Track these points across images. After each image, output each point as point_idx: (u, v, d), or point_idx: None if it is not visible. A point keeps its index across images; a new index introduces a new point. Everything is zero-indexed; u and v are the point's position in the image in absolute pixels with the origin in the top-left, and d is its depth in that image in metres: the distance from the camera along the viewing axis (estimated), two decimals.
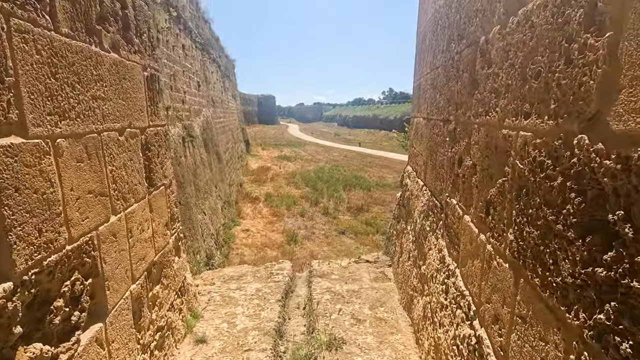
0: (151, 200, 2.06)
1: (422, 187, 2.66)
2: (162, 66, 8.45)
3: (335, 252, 11.44)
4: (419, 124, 2.93)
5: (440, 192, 2.06)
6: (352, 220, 13.77)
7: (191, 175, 9.07)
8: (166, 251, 2.32)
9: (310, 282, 3.49)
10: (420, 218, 2.55)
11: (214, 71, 16.19)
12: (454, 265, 1.66)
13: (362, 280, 3.47)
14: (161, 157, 2.31)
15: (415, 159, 3.08)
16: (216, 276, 3.68)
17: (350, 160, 29.35)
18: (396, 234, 3.64)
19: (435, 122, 2.26)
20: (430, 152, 2.42)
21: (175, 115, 8.96)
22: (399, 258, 3.31)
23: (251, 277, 3.58)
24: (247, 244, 11.88)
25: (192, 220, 8.43)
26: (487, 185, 1.29)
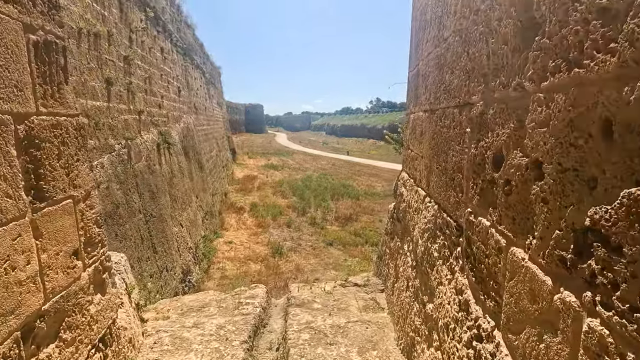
0: (39, 221, 1.38)
1: (423, 199, 2.04)
2: (135, 67, 7.77)
3: (322, 265, 10.73)
4: (417, 119, 2.33)
5: (455, 206, 1.44)
6: (340, 230, 13.11)
7: (166, 184, 8.30)
8: (73, 291, 1.62)
9: (287, 313, 2.82)
10: (424, 239, 1.93)
11: (197, 77, 15.51)
12: (489, 324, 1.04)
13: (349, 310, 2.83)
14: (67, 159, 1.64)
15: (412, 164, 2.48)
16: (173, 307, 2.97)
17: (338, 168, 28.83)
18: (389, 253, 3.01)
19: (443, 112, 1.66)
20: (435, 152, 1.81)
21: (150, 121, 8.22)
22: (394, 284, 2.68)
23: (215, 308, 2.89)
24: (230, 257, 11.06)
25: (166, 233, 7.64)
26: (578, 201, 0.67)
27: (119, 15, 7.10)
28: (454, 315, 1.31)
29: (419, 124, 2.27)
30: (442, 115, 1.68)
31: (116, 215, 5.53)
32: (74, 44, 5.09)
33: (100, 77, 5.87)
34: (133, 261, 5.81)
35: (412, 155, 2.50)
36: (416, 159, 2.32)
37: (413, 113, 2.49)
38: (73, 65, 4.93)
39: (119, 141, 6.22)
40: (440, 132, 1.71)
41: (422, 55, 2.16)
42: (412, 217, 2.28)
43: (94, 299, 1.82)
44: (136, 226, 6.19)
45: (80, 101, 5.07)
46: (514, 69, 0.92)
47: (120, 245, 5.49)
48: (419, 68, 2.27)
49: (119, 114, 6.39)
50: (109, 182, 5.48)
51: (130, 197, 6.21)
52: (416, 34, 2.39)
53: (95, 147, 5.34)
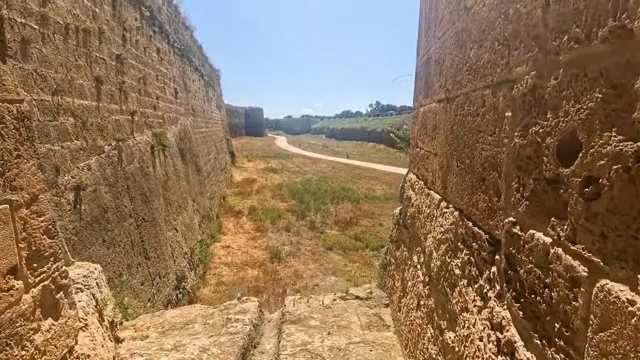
0: None
1: (438, 203, 1.72)
2: (129, 67, 7.47)
3: (322, 271, 10.37)
4: (428, 112, 2.01)
5: (486, 213, 1.11)
6: (340, 234, 12.76)
7: (160, 187, 7.96)
8: (7, 319, 1.29)
9: (281, 332, 2.48)
10: (440, 251, 1.60)
11: (195, 79, 15.23)
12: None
13: (350, 328, 2.49)
14: (1, 154, 1.31)
15: (422, 163, 2.16)
16: (154, 324, 2.63)
17: (338, 172, 28.51)
18: (395, 264, 2.68)
19: (467, 98, 1.34)
20: (454, 148, 1.49)
21: (143, 122, 7.90)
22: (401, 299, 2.35)
23: (200, 326, 2.55)
24: (227, 263, 10.69)
25: (159, 238, 7.29)
26: None
27: (111, 13, 6.81)
28: (491, 358, 0.98)
29: (430, 117, 1.95)
30: (464, 102, 1.37)
31: (104, 220, 5.20)
32: (60, 40, 4.78)
33: (89, 75, 5.56)
34: (122, 268, 5.47)
35: (421, 154, 2.18)
36: (427, 157, 2.00)
37: (423, 106, 2.17)
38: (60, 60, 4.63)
39: (109, 142, 5.89)
40: (462, 122, 1.39)
41: (435, 37, 1.85)
42: (423, 225, 1.96)
43: (42, 325, 1.49)
44: (126, 231, 5.85)
45: (66, 99, 4.75)
46: (605, 9, 0.60)
47: (108, 251, 5.15)
48: (431, 53, 1.95)
49: (109, 114, 6.07)
50: (97, 185, 5.15)
51: (121, 200, 5.88)
52: (427, 16, 2.08)
53: (82, 148, 5.02)
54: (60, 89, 4.65)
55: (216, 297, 8.42)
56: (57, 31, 4.77)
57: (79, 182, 4.66)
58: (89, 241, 4.69)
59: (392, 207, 13.95)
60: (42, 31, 4.44)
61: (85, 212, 4.71)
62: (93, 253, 4.76)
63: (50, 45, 4.57)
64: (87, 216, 4.72)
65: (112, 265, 5.22)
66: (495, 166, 1.05)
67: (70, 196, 4.51)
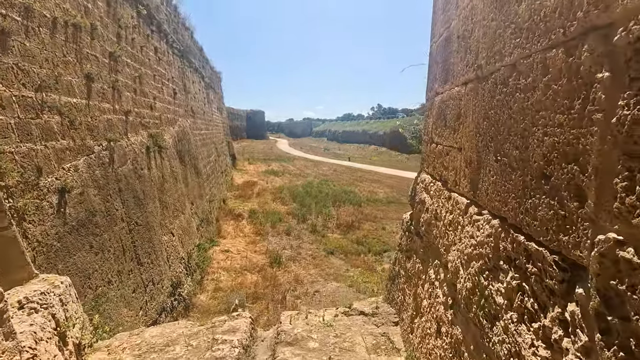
0: None
1: (465, 209, 1.37)
2: (123, 65, 7.17)
3: (323, 276, 9.98)
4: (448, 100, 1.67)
5: (554, 225, 0.76)
6: (342, 238, 12.37)
7: (156, 190, 7.63)
8: None
9: (275, 356, 2.13)
10: (470, 269, 1.25)
11: (195, 81, 14.95)
12: None
13: (355, 352, 2.14)
14: None
15: (440, 161, 1.81)
16: (130, 344, 2.29)
17: (339, 174, 28.16)
18: (405, 276, 2.33)
19: (514, 69, 1.00)
20: (490, 137, 1.14)
21: (139, 122, 7.59)
22: (413, 318, 2.00)
23: (182, 348, 2.20)
24: (225, 267, 10.32)
25: (153, 243, 6.95)
26: None
27: (105, 9, 6.51)
28: None
29: (452, 106, 1.61)
30: (507, 77, 1.03)
31: (92, 224, 4.86)
32: (46, 34, 4.48)
33: (79, 72, 5.24)
34: (112, 275, 5.13)
35: (438, 150, 1.84)
36: (447, 153, 1.66)
37: (440, 94, 1.83)
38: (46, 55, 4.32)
39: (100, 142, 5.57)
40: (503, 104, 1.06)
41: (458, 8, 1.51)
42: (443, 234, 1.61)
43: None
44: (117, 236, 5.51)
45: (51, 96, 4.44)
46: None
47: (96, 258, 4.81)
48: (452, 29, 1.61)
49: (101, 114, 5.75)
50: (84, 187, 4.82)
51: (111, 203, 5.54)
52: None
53: (69, 148, 4.69)
54: (45, 85, 4.33)
55: (213, 304, 8.06)
56: (44, 25, 4.47)
57: (64, 184, 4.32)
58: (74, 247, 4.35)
59: (395, 211, 13.70)
60: (25, 24, 4.13)
61: (71, 216, 4.37)
62: (78, 260, 4.42)
63: (35, 39, 4.26)
64: (72, 220, 4.38)
65: (100, 272, 4.87)
66: (574, 156, 0.72)
67: (54, 199, 4.18)
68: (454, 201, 1.50)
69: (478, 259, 1.18)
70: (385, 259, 10.89)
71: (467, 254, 1.28)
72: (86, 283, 4.47)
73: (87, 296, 4.42)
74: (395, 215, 15.63)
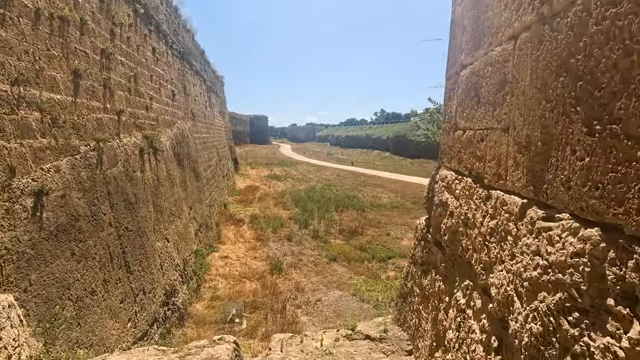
0: None
1: (522, 212, 0.95)
2: (116, 63, 6.85)
3: (325, 284, 9.50)
4: (482, 69, 1.27)
5: None
6: (345, 244, 11.90)
7: (150, 194, 7.24)
8: None
9: None
10: (539, 305, 0.83)
11: (196, 84, 14.67)
12: None
13: None
14: None
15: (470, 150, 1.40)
16: None
17: (342, 179, 27.72)
18: (421, 295, 1.90)
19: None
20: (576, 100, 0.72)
21: (132, 122, 7.23)
22: (433, 351, 1.57)
23: None
24: (224, 274, 9.88)
25: (145, 249, 6.54)
26: None
27: (97, 5, 6.20)
28: None
29: (490, 74, 1.20)
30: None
31: (74, 229, 4.47)
32: (26, 25, 4.13)
33: (65, 68, 4.90)
34: (96, 284, 4.73)
35: (467, 138, 1.42)
36: (483, 138, 1.24)
37: (469, 65, 1.43)
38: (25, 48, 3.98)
39: (87, 142, 5.20)
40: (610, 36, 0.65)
41: None
42: (481, 247, 1.19)
43: None
44: (104, 242, 5.12)
45: (30, 91, 4.08)
46: None
47: (78, 266, 4.41)
48: None
49: (89, 112, 5.39)
50: (66, 190, 4.43)
51: (98, 207, 5.15)
52: None
53: (50, 147, 4.32)
54: (23, 78, 3.97)
55: (209, 314, 7.63)
56: (24, 15, 4.13)
57: (41, 186, 3.94)
58: (52, 255, 3.95)
59: (399, 216, 13.22)
60: (1, 12, 3.79)
61: (49, 221, 3.98)
62: (56, 269, 4.02)
63: (13, 30, 3.91)
64: (50, 225, 3.99)
65: (83, 282, 4.47)
66: None
67: (29, 202, 3.79)
68: (497, 202, 1.09)
69: (553, 290, 0.76)
70: (390, 266, 10.41)
71: (529, 279, 0.86)
72: (65, 294, 4.06)
73: (65, 308, 4.02)
74: (399, 220, 15.15)
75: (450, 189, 1.59)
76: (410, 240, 12.66)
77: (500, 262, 1.03)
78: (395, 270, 10.07)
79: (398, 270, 10.01)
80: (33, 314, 3.60)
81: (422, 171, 35.24)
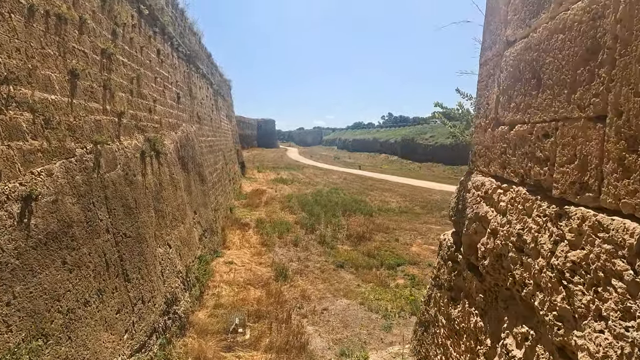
0: None
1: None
2: (118, 64, 6.65)
3: (331, 292, 9.11)
4: (543, 41, 0.92)
5: None
6: (352, 250, 11.51)
7: (151, 198, 6.99)
8: None
9: None
10: None
11: (202, 87, 14.51)
12: None
13: None
14: None
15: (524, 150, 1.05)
16: None
17: (350, 183, 27.33)
18: (448, 328, 1.55)
19: None
20: None
21: (134, 125, 7.01)
22: None
23: None
24: (228, 281, 9.57)
25: (145, 256, 6.26)
26: None
27: (98, 4, 6.00)
28: None
29: (563, 43, 0.86)
30: None
31: (67, 236, 4.20)
32: (19, 21, 3.91)
33: (61, 67, 4.67)
34: (90, 295, 4.45)
35: (518, 134, 1.08)
36: (547, 135, 0.90)
37: (521, 40, 1.09)
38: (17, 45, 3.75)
39: (84, 145, 4.95)
40: None
41: None
42: (551, 285, 0.84)
43: None
44: (99, 249, 4.85)
45: (21, 90, 3.84)
46: None
47: (70, 275, 4.14)
48: None
49: (87, 113, 5.16)
50: (59, 195, 4.17)
51: (94, 213, 4.89)
52: None
53: (42, 149, 4.06)
54: (13, 77, 3.73)
55: (212, 322, 7.31)
56: (16, 11, 3.90)
57: (30, 191, 3.68)
58: (40, 264, 3.67)
59: (408, 221, 12.74)
60: None
61: (37, 228, 3.71)
62: (45, 279, 3.74)
63: (4, 26, 3.69)
64: (39, 233, 3.72)
65: (75, 292, 4.19)
66: None
67: (15, 208, 3.52)
68: (583, 224, 0.74)
69: None
70: (399, 274, 9.99)
71: None
72: (54, 306, 3.78)
73: (54, 321, 3.74)
74: (408, 225, 14.72)
75: (490, 200, 1.25)
76: (419, 246, 12.20)
77: (597, 318, 0.69)
78: (404, 278, 9.66)
79: (407, 278, 9.59)
80: (16, 330, 3.32)
81: (431, 175, 34.67)
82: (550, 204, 0.89)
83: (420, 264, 10.57)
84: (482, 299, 1.30)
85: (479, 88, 1.44)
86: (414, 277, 9.52)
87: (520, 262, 0.99)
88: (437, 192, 22.79)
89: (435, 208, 17.81)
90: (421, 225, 14.79)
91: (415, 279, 9.46)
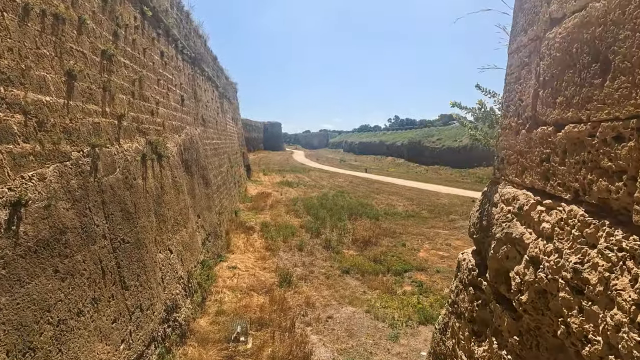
0: None
1: None
2: (119, 66, 6.50)
3: (337, 298, 8.83)
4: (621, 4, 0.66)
5: None
6: (358, 255, 11.21)
7: (152, 202, 6.80)
8: None
9: None
10: None
11: (207, 89, 14.39)
12: None
13: None
14: None
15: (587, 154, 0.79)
16: None
17: (356, 186, 27.02)
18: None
19: None
20: None
21: (135, 127, 6.84)
22: None
23: None
24: (231, 286, 9.34)
25: (144, 262, 6.07)
26: None
27: (99, 4, 5.84)
28: None
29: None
30: None
31: (59, 243, 3.99)
32: (12, 20, 3.73)
33: (57, 68, 4.49)
34: (84, 304, 4.24)
35: (568, 137, 0.83)
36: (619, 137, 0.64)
37: (574, 15, 0.83)
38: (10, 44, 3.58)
39: (80, 148, 4.77)
40: None
41: None
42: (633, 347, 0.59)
43: None
44: (95, 256, 4.64)
45: (13, 92, 3.66)
46: None
47: (62, 284, 3.93)
48: None
49: (84, 116, 4.98)
50: (51, 200, 3.97)
51: (90, 218, 4.69)
52: None
53: (34, 152, 3.87)
54: (4, 77, 3.56)
55: (213, 330, 7.08)
56: (9, 9, 3.73)
57: (19, 196, 3.48)
58: (29, 273, 3.47)
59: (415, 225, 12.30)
60: None
61: (27, 235, 3.51)
62: (33, 289, 3.53)
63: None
64: (29, 240, 3.52)
65: (67, 302, 3.97)
66: None
67: (2, 214, 3.32)
68: None
69: None
70: (406, 280, 9.66)
71: None
72: (43, 317, 3.57)
73: (44, 334, 3.53)
74: (415, 230, 14.35)
75: (528, 219, 0.99)
76: (427, 251, 11.85)
77: None
78: (412, 284, 9.32)
79: (415, 284, 9.25)
80: (1, 344, 3.11)
81: (438, 178, 34.17)
82: (629, 233, 0.65)
83: (428, 270, 10.21)
84: (517, 342, 1.03)
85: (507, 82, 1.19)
86: (421, 284, 9.17)
87: (579, 307, 0.74)
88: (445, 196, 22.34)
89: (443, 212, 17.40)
90: (429, 230, 14.41)
91: (423, 285, 9.12)
